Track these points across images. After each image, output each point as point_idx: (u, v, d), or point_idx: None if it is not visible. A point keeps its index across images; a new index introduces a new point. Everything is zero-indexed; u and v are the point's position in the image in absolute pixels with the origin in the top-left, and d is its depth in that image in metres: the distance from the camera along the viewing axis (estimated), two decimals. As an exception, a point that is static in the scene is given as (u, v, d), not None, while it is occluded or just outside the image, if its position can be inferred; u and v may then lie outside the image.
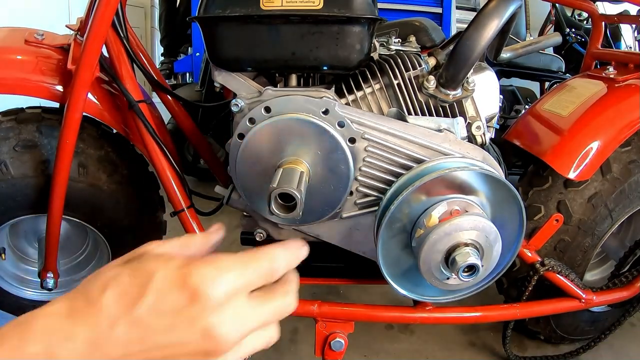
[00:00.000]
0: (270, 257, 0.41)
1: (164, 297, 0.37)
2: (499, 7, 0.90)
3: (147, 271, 0.38)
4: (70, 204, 1.10)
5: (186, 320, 0.37)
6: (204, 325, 0.37)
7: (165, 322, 0.37)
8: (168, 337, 0.37)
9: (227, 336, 0.38)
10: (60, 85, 1.09)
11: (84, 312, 0.37)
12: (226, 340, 0.38)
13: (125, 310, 0.36)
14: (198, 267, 0.38)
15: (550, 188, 1.17)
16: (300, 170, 0.83)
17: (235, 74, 0.91)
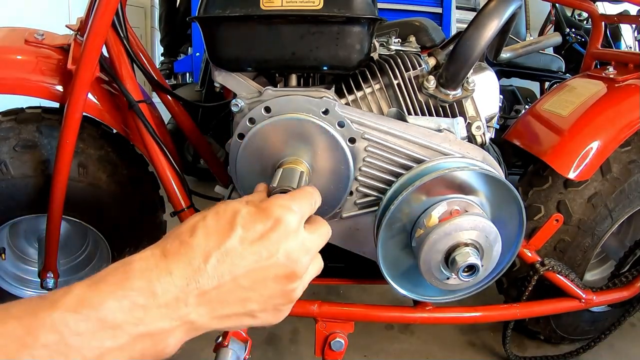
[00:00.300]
0: (313, 193, 0.53)
1: (250, 227, 0.43)
2: (499, 7, 0.90)
3: (232, 210, 0.45)
4: (70, 204, 1.10)
5: (271, 245, 0.43)
6: (286, 248, 0.44)
7: (253, 248, 0.43)
8: (256, 261, 0.43)
9: (303, 259, 0.46)
10: (60, 85, 1.08)
11: (178, 252, 0.41)
12: (303, 263, 0.46)
13: (216, 244, 0.42)
14: (275, 199, 0.47)
15: (550, 188, 1.17)
16: (300, 170, 0.83)
17: (235, 74, 0.91)
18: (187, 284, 0.40)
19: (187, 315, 0.41)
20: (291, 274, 0.45)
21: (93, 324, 0.36)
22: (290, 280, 0.45)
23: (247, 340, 0.93)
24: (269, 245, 0.43)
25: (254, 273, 0.43)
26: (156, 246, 0.43)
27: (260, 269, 0.43)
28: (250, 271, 0.42)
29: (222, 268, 0.41)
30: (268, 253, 0.43)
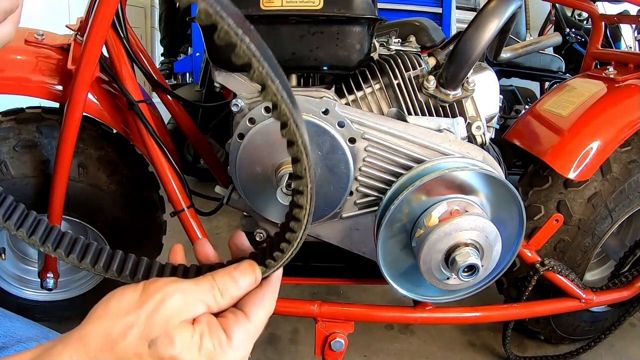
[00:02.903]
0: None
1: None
2: (499, 7, 0.90)
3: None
4: (70, 204, 1.10)
5: None
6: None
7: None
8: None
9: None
10: (60, 85, 1.08)
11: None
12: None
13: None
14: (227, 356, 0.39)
15: (550, 188, 1.17)
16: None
17: (235, 74, 0.91)
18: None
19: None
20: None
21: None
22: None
23: (247, 340, 0.93)
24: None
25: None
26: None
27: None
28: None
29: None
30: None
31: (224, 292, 0.41)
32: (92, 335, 0.37)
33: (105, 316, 0.38)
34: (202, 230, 1.09)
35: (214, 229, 1.94)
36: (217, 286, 0.41)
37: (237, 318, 0.41)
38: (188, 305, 0.39)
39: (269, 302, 0.43)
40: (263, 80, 0.33)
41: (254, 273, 0.44)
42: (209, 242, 0.50)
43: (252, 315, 0.42)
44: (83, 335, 0.37)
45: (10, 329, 0.56)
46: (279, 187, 0.84)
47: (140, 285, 0.40)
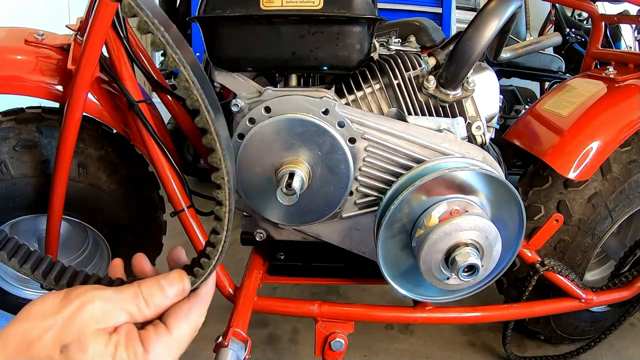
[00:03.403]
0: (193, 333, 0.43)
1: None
2: (499, 7, 0.90)
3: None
4: (70, 204, 1.10)
5: None
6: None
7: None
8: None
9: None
10: (60, 85, 1.08)
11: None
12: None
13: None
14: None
15: (550, 188, 1.17)
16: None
17: (235, 74, 0.91)
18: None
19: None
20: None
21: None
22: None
23: (247, 340, 0.93)
24: None
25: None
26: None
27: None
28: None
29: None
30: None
31: (150, 301, 0.40)
32: (12, 336, 0.37)
33: (26, 318, 0.38)
34: (202, 230, 1.09)
35: (214, 229, 1.94)
36: (142, 295, 0.40)
37: (157, 330, 0.40)
38: (107, 313, 0.38)
39: (195, 316, 0.42)
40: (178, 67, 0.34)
41: (182, 282, 0.43)
42: (145, 257, 0.48)
43: (174, 329, 0.40)
44: (4, 336, 0.37)
45: None
46: (279, 187, 0.84)
47: (63, 292, 0.40)
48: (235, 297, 1.05)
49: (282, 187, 0.83)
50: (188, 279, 0.43)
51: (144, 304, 0.40)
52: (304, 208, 0.93)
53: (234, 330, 0.92)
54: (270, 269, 1.13)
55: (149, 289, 0.41)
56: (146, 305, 0.40)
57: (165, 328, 0.40)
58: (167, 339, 0.40)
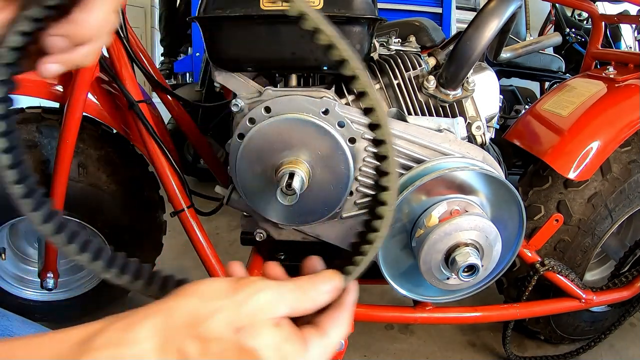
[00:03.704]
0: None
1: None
2: (499, 7, 0.90)
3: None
4: (70, 204, 1.10)
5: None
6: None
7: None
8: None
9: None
10: (60, 85, 1.08)
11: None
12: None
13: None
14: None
15: (550, 188, 1.17)
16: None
17: (235, 74, 0.91)
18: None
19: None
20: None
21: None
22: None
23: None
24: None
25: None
26: (154, 338, 0.36)
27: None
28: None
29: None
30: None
31: (307, 295, 0.41)
32: (179, 310, 0.37)
33: (195, 295, 0.38)
34: (202, 230, 1.09)
35: (214, 229, 1.94)
36: (301, 288, 0.41)
37: (317, 332, 0.41)
38: (275, 303, 0.39)
39: (345, 322, 0.43)
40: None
41: (335, 279, 0.44)
42: (319, 259, 0.50)
43: (330, 332, 0.42)
44: (168, 307, 0.37)
45: (8, 328, 0.56)
46: (279, 187, 0.84)
47: (230, 279, 0.40)
48: (235, 297, 1.05)
49: (282, 187, 0.83)
50: (340, 276, 0.45)
51: (303, 297, 0.41)
52: (304, 208, 0.93)
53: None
54: (270, 269, 1.12)
55: (305, 283, 0.42)
56: (304, 299, 0.41)
57: (323, 331, 0.41)
58: (324, 340, 0.41)
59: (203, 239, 1.08)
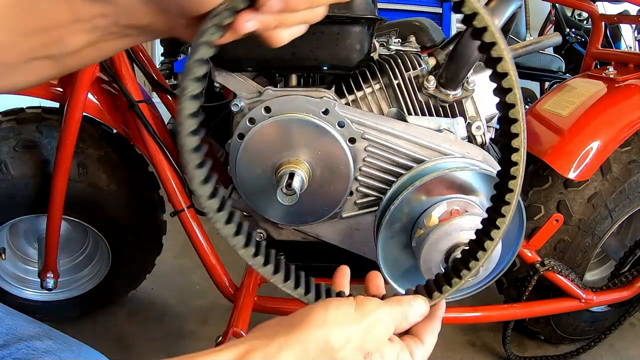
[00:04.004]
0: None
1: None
2: (499, 7, 0.90)
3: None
4: (70, 204, 1.10)
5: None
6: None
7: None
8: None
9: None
10: (60, 85, 1.08)
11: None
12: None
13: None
14: (418, 350, 0.46)
15: (550, 188, 1.17)
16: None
17: (235, 74, 0.91)
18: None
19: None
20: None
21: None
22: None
23: (247, 340, 0.93)
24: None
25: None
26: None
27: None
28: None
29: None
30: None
31: (408, 317, 0.48)
32: (312, 340, 0.41)
33: (325, 325, 0.42)
34: (202, 230, 1.09)
35: (214, 229, 1.93)
36: (402, 313, 0.48)
37: (416, 343, 0.47)
38: (390, 325, 0.46)
39: (436, 331, 0.50)
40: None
41: (427, 305, 0.50)
42: (380, 275, 0.57)
43: (426, 341, 0.48)
44: (302, 339, 0.41)
45: (12, 327, 0.56)
46: (279, 187, 0.84)
47: (352, 301, 0.45)
48: (235, 297, 1.05)
49: (282, 187, 0.83)
50: (427, 301, 0.51)
51: (405, 319, 0.48)
52: (304, 208, 0.93)
53: (234, 330, 0.92)
54: (270, 269, 1.12)
55: (405, 306, 0.48)
56: (405, 320, 0.48)
57: (420, 341, 0.48)
58: (423, 349, 0.47)
59: (203, 239, 1.08)
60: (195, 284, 1.57)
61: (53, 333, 0.58)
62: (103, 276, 1.31)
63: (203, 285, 1.54)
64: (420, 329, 0.49)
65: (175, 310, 1.46)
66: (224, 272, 1.09)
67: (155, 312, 1.45)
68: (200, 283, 1.56)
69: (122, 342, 1.33)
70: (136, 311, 1.45)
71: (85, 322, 1.37)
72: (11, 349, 0.53)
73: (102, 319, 1.39)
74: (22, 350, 0.53)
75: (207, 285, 1.20)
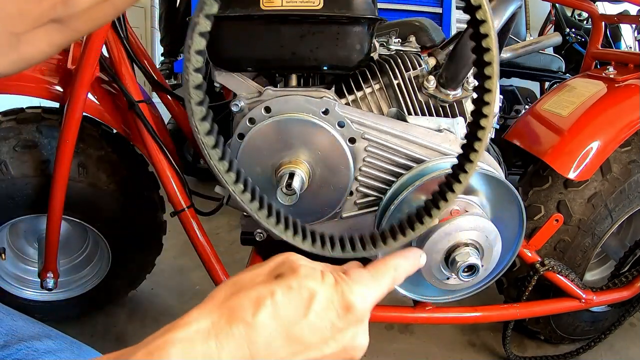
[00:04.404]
0: (394, 270, 0.46)
1: (324, 316, 0.38)
2: (499, 7, 0.90)
3: (308, 291, 0.39)
4: (70, 204, 1.10)
5: (340, 337, 0.39)
6: (353, 339, 0.40)
7: (322, 338, 0.38)
8: (321, 350, 0.38)
9: (364, 345, 0.41)
10: (60, 85, 1.09)
11: (232, 333, 0.35)
12: (363, 348, 0.41)
13: (284, 330, 0.37)
14: (349, 285, 0.41)
15: (550, 188, 1.17)
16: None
17: (235, 74, 0.91)
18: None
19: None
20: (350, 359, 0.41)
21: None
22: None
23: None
24: (338, 335, 0.39)
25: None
26: (202, 315, 0.36)
27: (322, 358, 0.39)
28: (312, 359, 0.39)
29: (284, 354, 0.37)
30: (335, 344, 0.39)
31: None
32: (218, 291, 0.39)
33: (228, 281, 0.41)
34: (202, 230, 1.09)
35: (214, 229, 1.94)
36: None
37: (359, 265, 0.45)
38: (304, 261, 0.43)
39: (401, 268, 0.47)
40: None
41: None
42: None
43: (371, 269, 0.45)
44: (209, 297, 0.39)
45: (12, 327, 0.56)
46: (279, 187, 0.84)
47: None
48: (235, 297, 1.05)
49: (282, 187, 0.83)
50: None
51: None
52: (303, 208, 0.93)
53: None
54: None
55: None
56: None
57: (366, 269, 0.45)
58: (366, 272, 0.44)
59: (203, 239, 1.08)
60: (195, 284, 1.57)
61: (53, 333, 0.58)
62: (103, 276, 1.31)
63: (203, 285, 1.55)
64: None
65: (175, 310, 1.46)
66: (224, 272, 1.09)
67: (155, 312, 1.45)
68: (200, 283, 1.56)
69: (122, 342, 1.33)
70: (136, 311, 1.45)
71: (85, 322, 1.37)
72: (11, 350, 0.53)
73: (102, 319, 1.39)
74: (22, 350, 0.53)
75: (207, 285, 1.20)
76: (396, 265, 0.46)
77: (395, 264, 0.46)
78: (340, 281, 0.40)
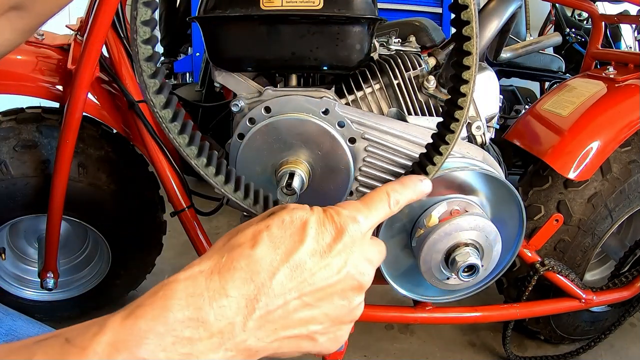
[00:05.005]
0: (386, 195, 0.45)
1: (320, 239, 0.39)
2: (499, 7, 0.90)
3: (300, 219, 0.40)
4: (70, 204, 1.10)
5: (340, 258, 0.39)
6: (354, 260, 0.40)
7: (323, 262, 0.39)
8: (326, 277, 0.39)
9: (369, 271, 0.41)
10: (60, 85, 1.09)
11: (236, 267, 0.36)
12: (369, 274, 0.41)
13: (284, 257, 0.37)
14: (338, 210, 0.41)
15: (550, 188, 1.17)
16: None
17: (235, 74, 0.91)
18: (246, 305, 0.35)
19: (244, 342, 0.35)
20: (358, 287, 0.41)
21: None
22: (356, 293, 0.41)
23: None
24: (338, 258, 0.39)
25: (322, 289, 0.39)
26: (204, 260, 0.37)
27: (328, 285, 0.39)
28: (319, 287, 0.38)
29: (290, 285, 0.37)
30: (337, 267, 0.39)
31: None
32: (217, 242, 0.40)
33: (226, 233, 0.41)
34: (202, 230, 1.09)
35: (214, 229, 1.94)
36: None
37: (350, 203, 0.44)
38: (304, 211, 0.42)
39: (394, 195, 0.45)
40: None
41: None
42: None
43: (365, 199, 0.44)
44: (209, 248, 0.40)
45: (12, 328, 0.56)
46: (279, 187, 0.84)
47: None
48: (235, 297, 1.05)
49: (282, 187, 0.83)
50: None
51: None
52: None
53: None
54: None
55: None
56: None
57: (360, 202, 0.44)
58: (357, 201, 0.44)
59: (203, 239, 1.08)
60: (195, 284, 1.57)
61: None
62: (103, 276, 1.31)
63: (203, 285, 1.54)
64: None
65: (175, 310, 1.46)
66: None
67: (155, 312, 1.45)
68: (200, 283, 1.55)
69: (122, 342, 1.32)
70: (136, 311, 1.44)
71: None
72: None
73: (102, 319, 1.39)
74: None
75: (207, 285, 1.20)
76: (389, 190, 0.45)
77: (389, 189, 0.45)
78: (328, 209, 0.42)
